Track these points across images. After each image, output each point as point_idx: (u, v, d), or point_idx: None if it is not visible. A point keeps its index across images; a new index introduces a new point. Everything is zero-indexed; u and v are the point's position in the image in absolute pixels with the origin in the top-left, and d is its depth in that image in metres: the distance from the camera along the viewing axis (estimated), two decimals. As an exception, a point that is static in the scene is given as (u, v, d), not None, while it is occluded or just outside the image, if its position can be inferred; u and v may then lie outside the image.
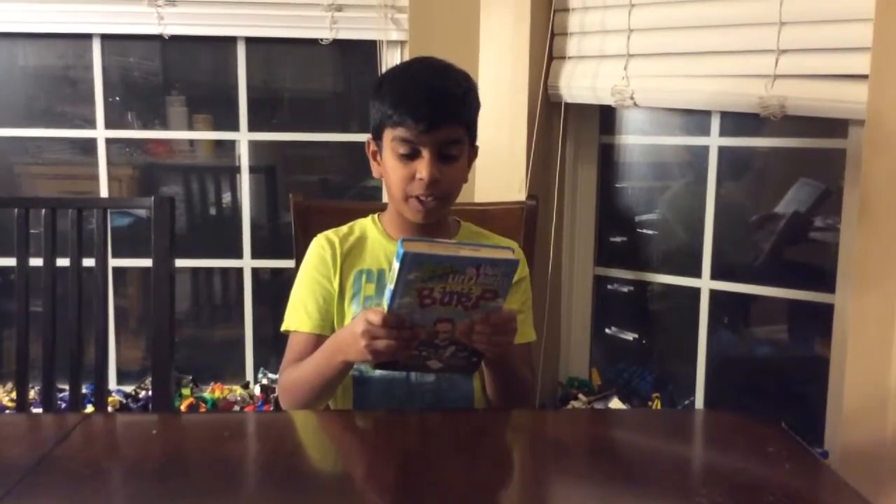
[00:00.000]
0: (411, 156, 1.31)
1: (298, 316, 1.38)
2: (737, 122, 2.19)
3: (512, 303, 1.39)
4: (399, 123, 1.29)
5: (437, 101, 1.30)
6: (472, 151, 1.40)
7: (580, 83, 2.28)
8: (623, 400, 2.40)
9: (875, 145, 1.78)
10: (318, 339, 1.36)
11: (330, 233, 1.42)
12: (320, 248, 1.40)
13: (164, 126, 2.62)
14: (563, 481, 1.04)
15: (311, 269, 1.40)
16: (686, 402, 2.34)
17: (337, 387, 1.33)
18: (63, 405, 1.90)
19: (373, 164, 1.41)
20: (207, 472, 1.01)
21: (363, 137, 1.42)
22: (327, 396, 1.35)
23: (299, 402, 1.32)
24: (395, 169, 1.32)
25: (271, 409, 2.35)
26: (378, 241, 1.41)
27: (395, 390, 1.34)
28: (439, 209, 1.34)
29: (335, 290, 1.38)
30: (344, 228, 1.43)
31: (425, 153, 1.30)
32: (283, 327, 1.39)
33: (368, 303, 1.36)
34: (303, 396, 1.31)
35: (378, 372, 1.35)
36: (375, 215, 1.45)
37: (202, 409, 2.40)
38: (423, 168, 1.29)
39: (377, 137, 1.37)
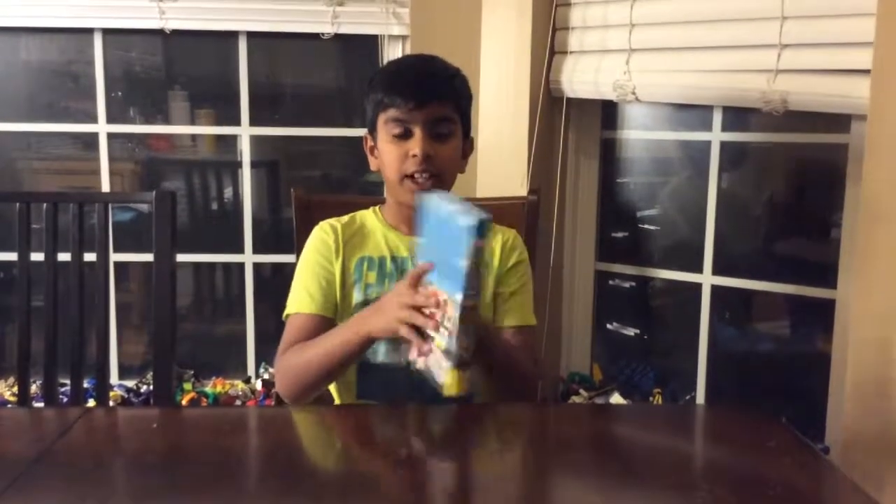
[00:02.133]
0: (404, 135, 1.34)
1: (300, 298, 1.38)
2: (739, 117, 2.18)
3: (509, 285, 1.41)
4: (390, 104, 1.33)
5: (425, 79, 1.36)
6: (467, 144, 1.42)
7: (582, 78, 2.28)
8: (624, 395, 2.40)
9: (877, 140, 1.78)
10: (320, 321, 1.36)
11: (332, 220, 1.45)
12: (323, 232, 1.42)
13: (166, 121, 2.62)
14: (564, 476, 1.04)
15: (313, 252, 1.41)
16: (687, 398, 2.34)
17: (350, 365, 1.31)
18: (64, 399, 1.90)
19: (370, 159, 1.43)
20: (208, 466, 1.01)
21: (364, 132, 1.43)
22: (336, 376, 1.33)
23: (304, 383, 1.29)
24: (389, 152, 1.35)
25: (273, 403, 2.35)
26: (379, 229, 1.43)
27: (398, 379, 1.34)
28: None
29: (337, 274, 1.39)
30: (345, 217, 1.45)
31: (417, 131, 1.33)
32: (286, 313, 1.39)
33: (370, 290, 1.37)
34: (313, 376, 1.28)
35: (381, 360, 1.36)
36: (376, 207, 1.47)
37: (203, 404, 2.40)
38: (415, 145, 1.32)
39: (372, 130, 1.40)
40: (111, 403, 2.19)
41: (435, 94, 1.34)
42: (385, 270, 1.39)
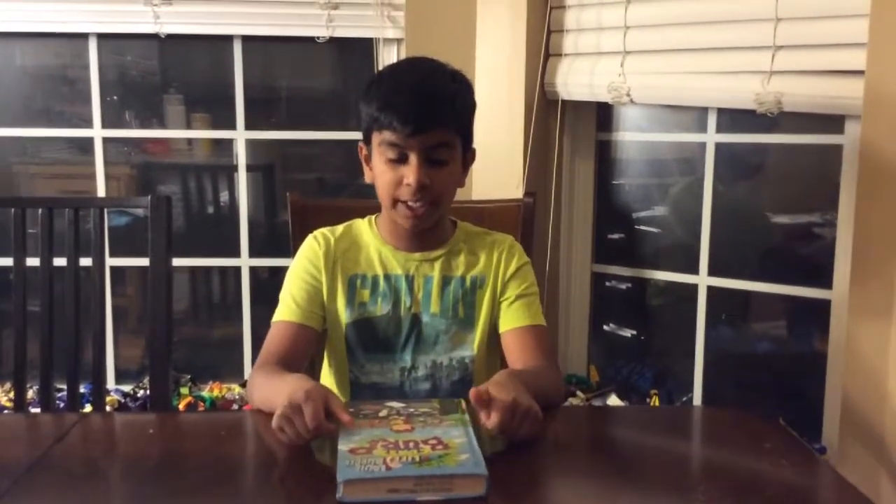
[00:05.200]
0: (399, 160, 1.27)
1: (285, 306, 1.35)
2: (734, 118, 2.19)
3: (513, 290, 1.38)
4: (386, 126, 1.26)
5: (423, 104, 1.26)
6: (469, 155, 1.37)
7: (577, 80, 2.28)
8: (621, 397, 2.40)
9: (872, 141, 1.78)
10: (299, 329, 1.33)
11: (326, 230, 1.41)
12: (315, 241, 1.39)
13: (162, 125, 2.62)
14: (562, 478, 1.04)
15: (303, 260, 1.38)
16: (684, 399, 2.34)
17: None
18: (61, 405, 1.90)
19: (365, 169, 1.38)
20: (205, 471, 1.01)
21: (360, 136, 1.41)
22: None
23: (257, 408, 1.23)
24: (383, 174, 1.29)
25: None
26: (373, 245, 1.39)
27: (392, 398, 1.33)
28: (430, 215, 1.31)
29: (324, 285, 1.36)
30: (340, 228, 1.42)
31: (413, 157, 1.26)
32: (272, 319, 1.37)
33: (362, 309, 1.36)
34: (258, 408, 1.23)
35: (372, 380, 1.36)
36: (372, 218, 1.43)
37: (200, 408, 2.40)
38: (410, 173, 1.26)
39: (367, 141, 1.34)
40: (108, 408, 2.19)
41: (434, 120, 1.26)
42: (378, 289, 1.36)
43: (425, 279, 1.37)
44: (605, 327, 2.56)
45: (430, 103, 1.27)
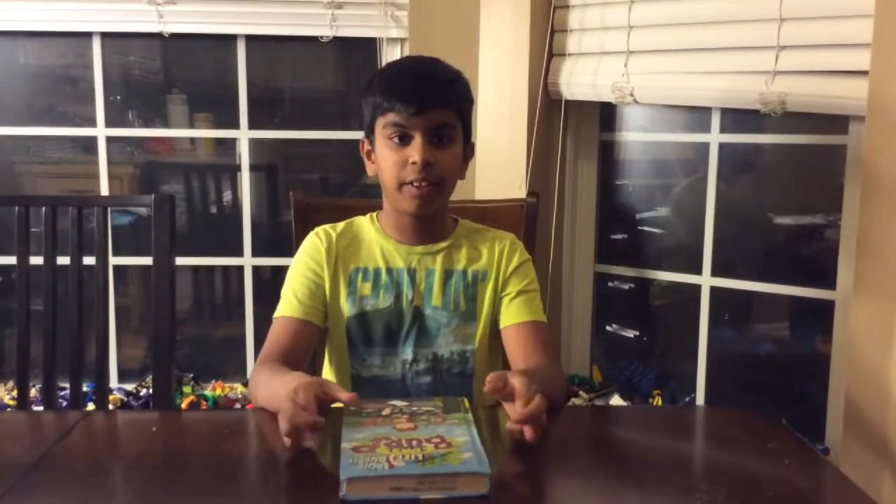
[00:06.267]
0: (403, 141, 1.30)
1: (287, 302, 1.36)
2: (737, 118, 2.19)
3: (514, 286, 1.39)
4: (389, 109, 1.30)
5: (425, 84, 1.31)
6: (469, 149, 1.39)
7: (580, 80, 2.28)
8: (624, 397, 2.40)
9: (876, 141, 1.78)
10: (301, 325, 1.34)
11: (327, 227, 1.42)
12: (316, 238, 1.40)
13: (165, 124, 2.62)
14: (564, 478, 1.04)
15: (304, 256, 1.39)
16: (687, 399, 2.34)
17: None
18: (64, 403, 1.90)
19: (367, 164, 1.40)
20: (207, 470, 1.01)
21: (361, 136, 1.42)
22: None
23: (259, 406, 1.24)
24: (387, 157, 1.32)
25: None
26: (375, 239, 1.40)
27: (391, 392, 1.34)
28: (434, 197, 1.32)
29: (326, 281, 1.37)
30: (341, 224, 1.42)
31: (417, 137, 1.29)
32: (274, 315, 1.37)
33: (364, 302, 1.36)
34: (260, 406, 1.23)
35: (374, 374, 1.36)
36: (374, 214, 1.44)
37: (203, 407, 2.40)
38: (415, 152, 1.29)
39: (370, 133, 1.37)
40: (110, 407, 2.19)
41: (436, 100, 1.30)
42: (380, 282, 1.37)
43: (427, 272, 1.38)
44: (608, 328, 2.56)
45: (432, 84, 1.32)
